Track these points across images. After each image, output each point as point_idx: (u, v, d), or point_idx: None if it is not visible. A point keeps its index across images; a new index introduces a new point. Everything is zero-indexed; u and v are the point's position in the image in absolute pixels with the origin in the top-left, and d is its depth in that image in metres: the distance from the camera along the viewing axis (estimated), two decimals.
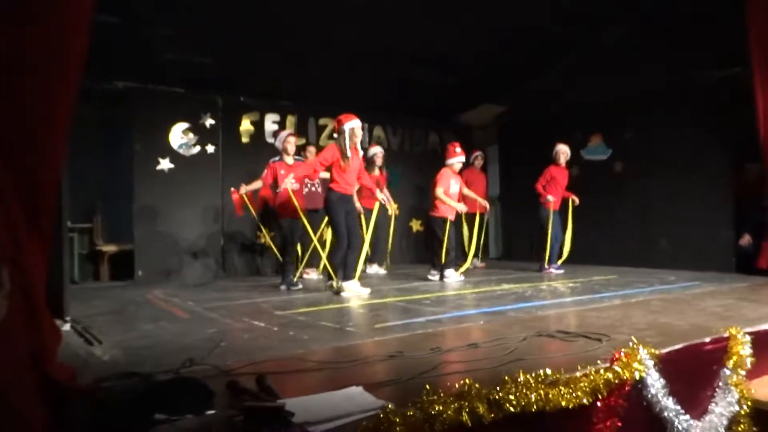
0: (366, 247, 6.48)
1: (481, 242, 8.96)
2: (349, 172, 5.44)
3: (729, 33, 6.29)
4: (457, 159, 6.67)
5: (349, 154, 5.36)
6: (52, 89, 2.03)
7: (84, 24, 2.11)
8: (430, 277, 6.57)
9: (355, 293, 5.28)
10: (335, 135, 5.78)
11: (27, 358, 1.96)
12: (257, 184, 6.31)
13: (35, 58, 1.96)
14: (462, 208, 6.59)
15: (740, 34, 5.94)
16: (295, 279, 6.18)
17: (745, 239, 6.63)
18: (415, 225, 9.22)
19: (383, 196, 6.11)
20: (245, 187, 6.22)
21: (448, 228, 6.45)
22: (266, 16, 6.21)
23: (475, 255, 8.54)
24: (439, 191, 6.50)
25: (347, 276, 5.39)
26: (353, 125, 5.38)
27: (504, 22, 6.85)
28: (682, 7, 6.73)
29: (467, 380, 2.12)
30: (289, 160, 6.21)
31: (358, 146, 5.53)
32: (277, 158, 6.27)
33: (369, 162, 7.49)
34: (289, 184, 5.59)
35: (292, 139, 6.26)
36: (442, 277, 6.46)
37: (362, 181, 5.82)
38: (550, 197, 7.13)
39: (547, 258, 7.19)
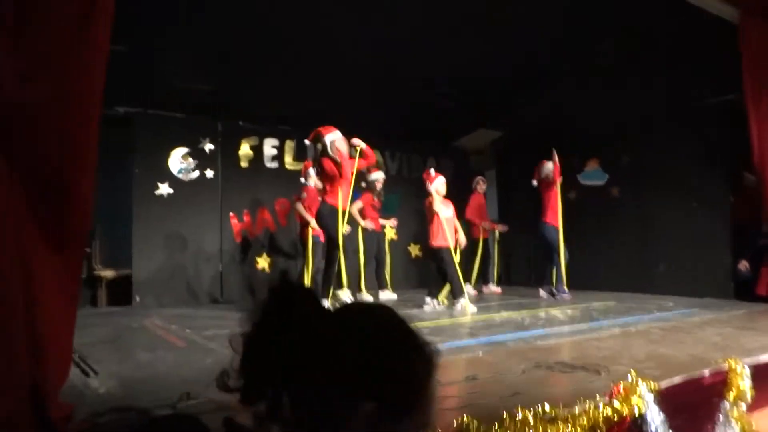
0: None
1: (495, 267, 9.05)
2: (343, 185, 5.45)
3: (722, 59, 6.39)
4: (439, 181, 6.49)
5: (338, 160, 5.48)
6: (75, 129, 2.07)
7: (102, 64, 2.16)
8: (425, 307, 6.37)
9: None
10: (308, 142, 5.87)
11: (28, 393, 1.96)
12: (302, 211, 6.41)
13: (58, 101, 2.00)
14: (461, 240, 6.54)
15: (733, 61, 6.04)
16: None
17: (743, 265, 6.64)
18: (414, 250, 9.22)
19: (371, 223, 6.20)
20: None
21: (450, 254, 6.34)
22: (265, 42, 6.30)
23: (489, 279, 8.65)
24: (437, 206, 6.32)
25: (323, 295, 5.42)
26: (333, 138, 5.52)
27: (500, 48, 6.94)
28: (675, 33, 6.84)
29: (465, 417, 2.11)
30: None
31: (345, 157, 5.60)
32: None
33: (370, 187, 7.54)
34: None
35: None
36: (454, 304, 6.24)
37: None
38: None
39: (564, 281, 7.17)
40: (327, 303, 5.38)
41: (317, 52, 6.58)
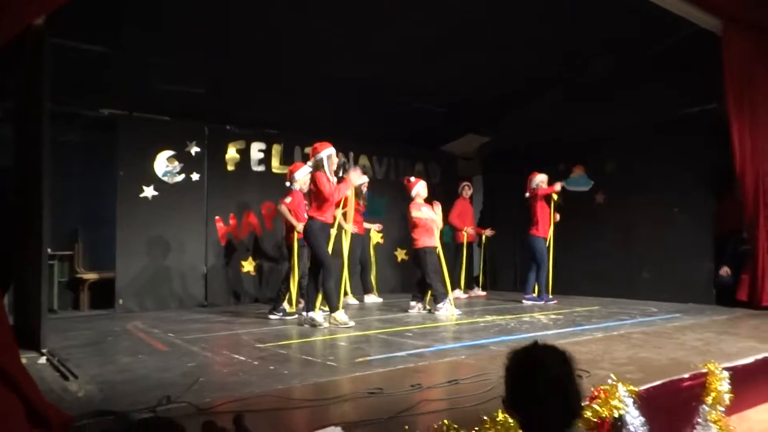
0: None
1: (480, 271, 9.17)
2: (330, 201, 5.44)
3: (704, 69, 6.50)
4: (420, 185, 6.61)
5: (332, 179, 5.43)
6: None
7: None
8: (410, 310, 6.43)
9: (343, 323, 5.28)
10: (309, 162, 5.75)
11: None
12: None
13: None
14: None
15: (715, 70, 6.14)
16: (292, 308, 6.17)
17: (724, 270, 6.72)
18: (400, 254, 9.22)
19: (354, 227, 6.19)
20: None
21: (434, 257, 6.37)
22: (254, 46, 6.28)
23: (475, 284, 8.78)
24: (415, 213, 6.45)
25: (336, 307, 5.39)
26: (330, 152, 5.46)
27: (490, 57, 6.99)
28: (661, 45, 6.94)
29: (445, 421, 2.12)
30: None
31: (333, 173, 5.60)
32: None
33: (357, 191, 7.54)
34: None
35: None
36: (434, 309, 6.25)
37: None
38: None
39: (550, 288, 7.28)
40: (315, 314, 5.35)
41: (306, 57, 6.58)
